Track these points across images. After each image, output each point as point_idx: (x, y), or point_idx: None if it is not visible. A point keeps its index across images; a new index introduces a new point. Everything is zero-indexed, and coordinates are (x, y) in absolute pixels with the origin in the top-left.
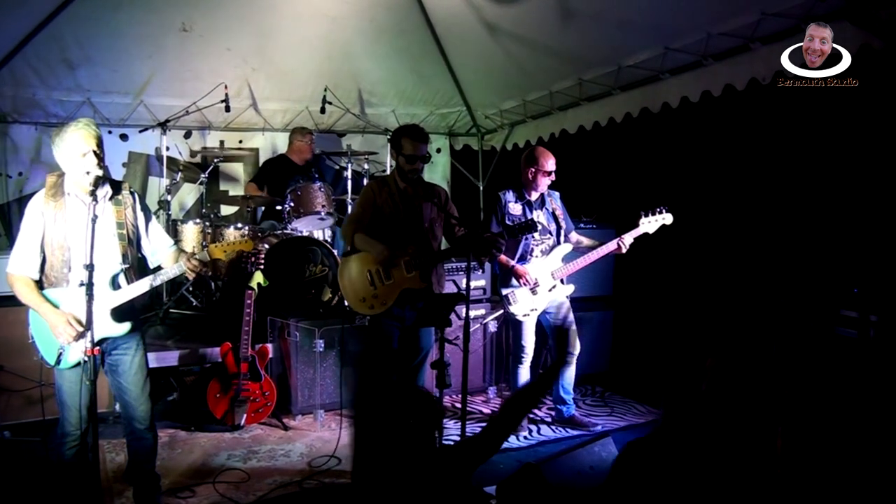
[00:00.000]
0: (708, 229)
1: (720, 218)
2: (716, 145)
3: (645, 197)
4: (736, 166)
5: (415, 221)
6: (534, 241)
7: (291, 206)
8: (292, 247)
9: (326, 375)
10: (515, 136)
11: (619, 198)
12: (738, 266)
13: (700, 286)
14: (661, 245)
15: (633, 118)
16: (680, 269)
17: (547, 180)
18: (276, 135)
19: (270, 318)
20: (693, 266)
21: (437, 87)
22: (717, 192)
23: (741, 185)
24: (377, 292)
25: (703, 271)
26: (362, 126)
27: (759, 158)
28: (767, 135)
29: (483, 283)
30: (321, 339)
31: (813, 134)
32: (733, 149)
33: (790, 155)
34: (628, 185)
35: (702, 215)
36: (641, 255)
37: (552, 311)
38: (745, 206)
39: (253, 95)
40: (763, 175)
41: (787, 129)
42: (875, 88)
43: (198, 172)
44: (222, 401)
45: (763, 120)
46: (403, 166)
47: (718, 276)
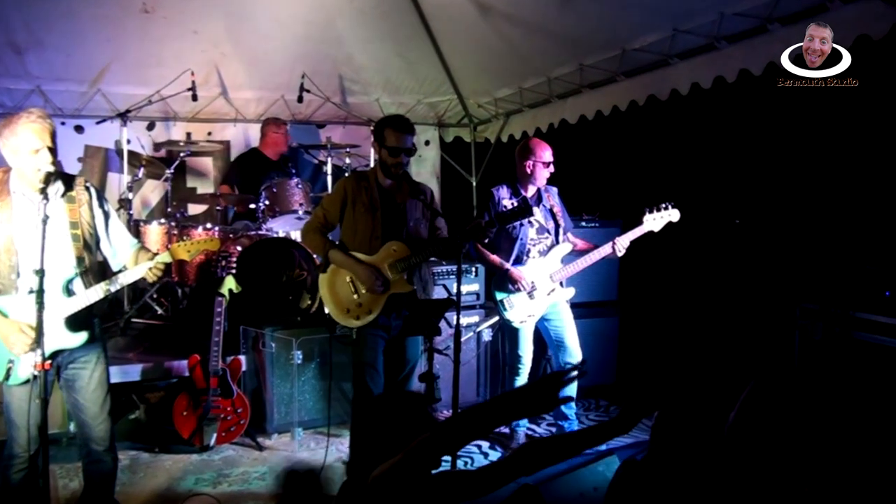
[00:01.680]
0: (722, 227)
1: (735, 214)
2: (729, 136)
3: (651, 192)
4: (751, 158)
5: (397, 221)
6: (531, 241)
7: (266, 204)
8: (267, 249)
9: (305, 390)
10: (511, 126)
11: (624, 193)
12: (757, 267)
13: (715, 289)
14: (671, 244)
15: (638, 107)
16: (693, 271)
17: (546, 172)
18: (249, 126)
19: (243, 328)
20: (707, 267)
21: (426, 74)
22: (731, 186)
23: (757, 178)
24: (361, 300)
25: (718, 273)
26: (343, 116)
27: (777, 150)
28: (786, 124)
29: (476, 288)
30: (299, 351)
31: (838, 122)
32: (748, 140)
33: (811, 146)
34: (634, 179)
35: (714, 211)
36: (650, 256)
37: (551, 317)
38: (761, 201)
39: (223, 83)
40: (781, 168)
41: (808, 118)
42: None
43: (162, 168)
44: (190, 419)
45: (782, 108)
46: (386, 160)
47: (735, 278)
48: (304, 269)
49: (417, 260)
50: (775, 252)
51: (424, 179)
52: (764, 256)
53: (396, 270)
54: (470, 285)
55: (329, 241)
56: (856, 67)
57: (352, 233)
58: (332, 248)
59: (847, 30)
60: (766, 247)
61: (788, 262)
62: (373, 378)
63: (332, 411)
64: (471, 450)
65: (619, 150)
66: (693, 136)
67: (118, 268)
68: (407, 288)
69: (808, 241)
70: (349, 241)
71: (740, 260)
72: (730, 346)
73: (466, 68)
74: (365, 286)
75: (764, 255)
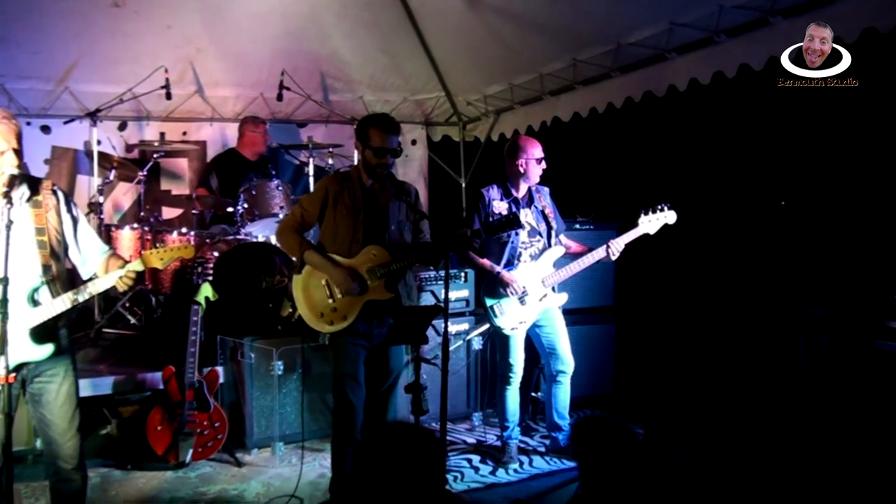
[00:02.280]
0: (723, 229)
1: (736, 216)
2: (729, 134)
3: (648, 193)
4: (752, 157)
5: (379, 224)
6: (522, 244)
7: (245, 207)
8: (246, 254)
9: (286, 403)
10: (501, 124)
11: (620, 194)
12: (760, 270)
13: (716, 293)
14: (670, 247)
15: (634, 104)
16: (692, 275)
17: (539, 169)
18: (227, 125)
19: (221, 338)
20: (707, 270)
21: (412, 70)
22: (731, 186)
23: (758, 178)
24: (336, 305)
25: (719, 276)
26: (325, 115)
27: (779, 148)
28: (789, 121)
29: (466, 294)
30: (280, 361)
31: (845, 117)
32: (749, 138)
33: (815, 143)
34: (629, 179)
35: (714, 213)
36: (648, 259)
37: (543, 323)
38: (763, 202)
39: (198, 80)
40: (784, 167)
41: (812, 115)
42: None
43: (135, 170)
44: (164, 434)
45: (784, 104)
46: (370, 160)
47: (737, 281)
48: (285, 276)
49: (398, 266)
50: (779, 254)
51: (411, 180)
52: (767, 259)
53: (375, 276)
54: (459, 291)
55: (306, 241)
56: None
57: (331, 235)
58: (308, 248)
59: (853, 23)
60: (769, 249)
61: (793, 265)
62: (353, 390)
63: (316, 424)
64: (461, 464)
65: (615, 148)
66: (691, 134)
67: (88, 276)
68: (385, 295)
69: (814, 243)
70: (328, 244)
71: (742, 263)
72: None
73: (455, 64)
74: (340, 289)
75: (767, 258)
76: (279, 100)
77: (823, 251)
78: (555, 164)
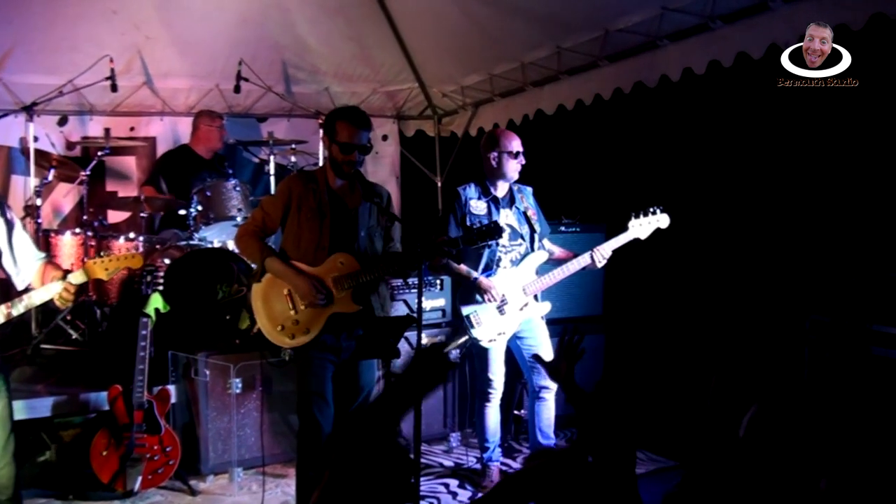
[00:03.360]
0: (720, 231)
1: (734, 218)
2: (726, 128)
3: (639, 193)
4: (751, 153)
5: (348, 229)
6: (501, 248)
7: (199, 210)
8: (200, 262)
9: (246, 424)
10: (480, 118)
11: (609, 194)
12: (761, 276)
13: (712, 302)
14: (663, 252)
15: (624, 95)
16: (686, 282)
17: (516, 164)
18: (179, 120)
19: (172, 353)
20: (703, 277)
21: (382, 59)
22: (729, 186)
23: (758, 177)
24: (298, 317)
25: (716, 284)
26: (288, 108)
27: (781, 144)
28: (791, 114)
29: (442, 303)
30: (238, 378)
31: (852, 114)
32: (748, 132)
33: (819, 138)
34: (619, 178)
35: (711, 214)
36: (639, 265)
37: (524, 335)
38: (763, 202)
39: (147, 71)
40: (786, 164)
41: (816, 108)
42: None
43: (77, 169)
44: (110, 460)
45: (786, 97)
46: (337, 157)
47: (735, 288)
48: (244, 285)
49: (368, 278)
50: (780, 259)
51: (382, 180)
52: (768, 264)
53: (342, 287)
54: (434, 300)
55: (267, 246)
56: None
57: (295, 241)
58: (269, 255)
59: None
60: (770, 253)
61: (796, 270)
62: (321, 409)
63: (278, 448)
64: (437, 489)
65: (603, 144)
66: (686, 129)
67: (23, 286)
68: (352, 308)
69: (819, 246)
70: (291, 251)
71: (741, 268)
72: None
73: (429, 53)
74: (304, 300)
75: (768, 263)
76: (237, 92)
77: (830, 253)
78: (538, 162)
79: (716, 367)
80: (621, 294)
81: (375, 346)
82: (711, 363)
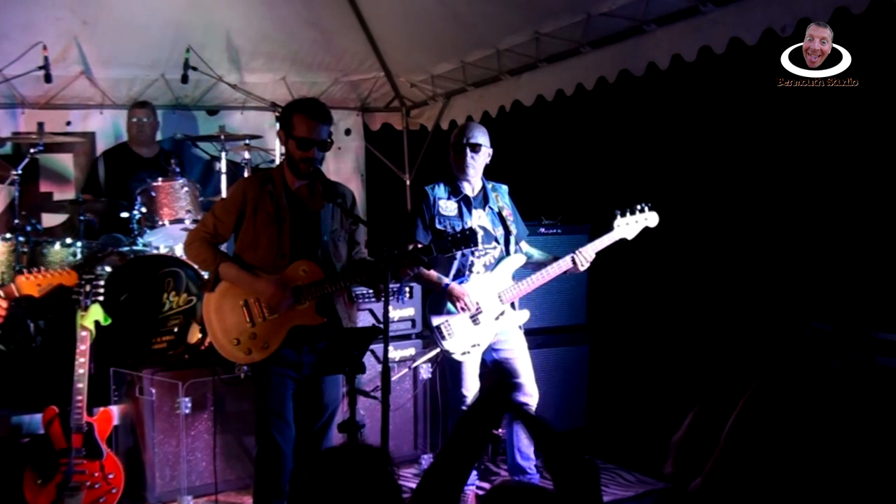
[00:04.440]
0: (712, 232)
1: (727, 217)
2: (720, 120)
3: (625, 190)
4: (746, 148)
5: (310, 234)
6: (474, 252)
7: (143, 212)
8: (145, 269)
9: (196, 448)
10: (452, 110)
11: (593, 191)
12: (757, 280)
13: (706, 308)
14: (652, 255)
15: (608, 84)
16: (677, 287)
17: (477, 158)
18: (121, 114)
19: (115, 370)
20: (695, 282)
21: (345, 46)
22: (722, 182)
23: (754, 172)
24: (256, 330)
25: (709, 288)
26: (241, 100)
27: (778, 138)
28: (789, 106)
29: (411, 313)
30: (187, 398)
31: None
32: (743, 124)
33: (819, 133)
34: (604, 174)
35: (702, 214)
36: (626, 269)
37: (501, 346)
38: (758, 201)
39: (85, 59)
40: (783, 160)
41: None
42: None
43: (7, 168)
44: (46, 489)
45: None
46: (294, 154)
47: (729, 294)
48: (193, 294)
49: (333, 288)
50: (777, 261)
51: (345, 178)
52: (763, 267)
53: (304, 298)
54: (403, 309)
55: (221, 252)
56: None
57: (251, 248)
58: (224, 260)
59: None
60: (765, 255)
61: (794, 273)
62: (280, 430)
63: (232, 473)
64: None
65: (586, 138)
66: (675, 121)
67: None
68: (316, 320)
69: (818, 248)
70: (248, 260)
71: (735, 272)
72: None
73: (396, 39)
74: (269, 304)
75: (763, 266)
76: (184, 82)
77: (829, 255)
78: (515, 157)
79: (697, 399)
80: (607, 301)
81: (339, 359)
82: (701, 380)
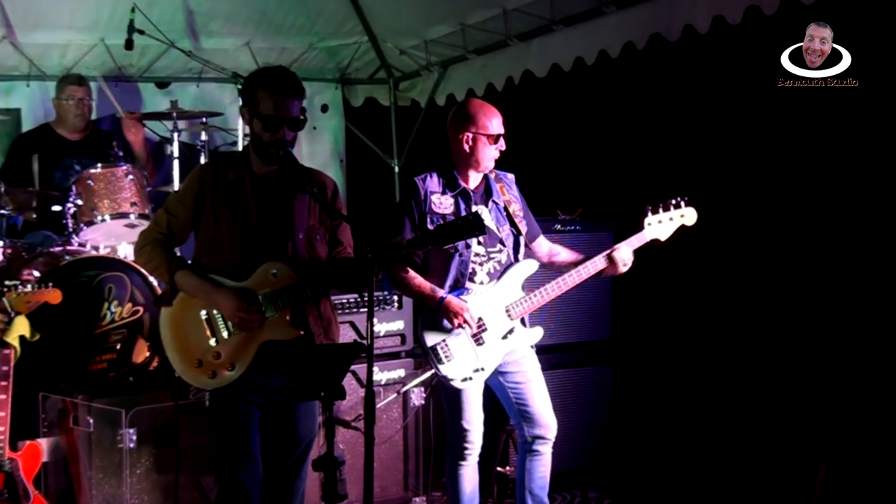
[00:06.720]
0: (760, 234)
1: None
2: (773, 96)
3: (657, 180)
4: (806, 128)
5: (281, 230)
6: (475, 257)
7: (79, 205)
8: (81, 273)
9: (142, 489)
10: (450, 82)
11: (618, 181)
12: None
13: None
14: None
15: (637, 51)
16: (716, 298)
17: (493, 151)
18: (52, 86)
19: (44, 395)
20: (739, 293)
21: (321, 5)
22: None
23: (813, 161)
24: (220, 349)
25: (754, 301)
26: (196, 70)
27: (855, 117)
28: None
29: (401, 327)
30: (132, 429)
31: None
32: (804, 102)
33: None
34: (631, 160)
35: (749, 211)
36: (656, 277)
37: (510, 370)
38: (817, 196)
39: (8, 20)
40: (859, 149)
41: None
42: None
43: None
44: None
45: None
46: (261, 135)
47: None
48: (140, 304)
49: (310, 292)
50: (836, 267)
51: (322, 164)
52: (819, 274)
53: (276, 306)
54: (390, 323)
55: (177, 258)
56: None
57: (212, 249)
58: (180, 268)
59: None
60: (822, 260)
61: (859, 281)
62: (245, 467)
63: None
64: None
65: (610, 116)
66: (718, 96)
67: None
68: (290, 333)
69: (889, 251)
70: (209, 262)
71: (785, 280)
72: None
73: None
74: (232, 320)
75: (819, 272)
76: (129, 48)
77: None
78: (525, 139)
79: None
80: (634, 312)
81: (314, 382)
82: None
